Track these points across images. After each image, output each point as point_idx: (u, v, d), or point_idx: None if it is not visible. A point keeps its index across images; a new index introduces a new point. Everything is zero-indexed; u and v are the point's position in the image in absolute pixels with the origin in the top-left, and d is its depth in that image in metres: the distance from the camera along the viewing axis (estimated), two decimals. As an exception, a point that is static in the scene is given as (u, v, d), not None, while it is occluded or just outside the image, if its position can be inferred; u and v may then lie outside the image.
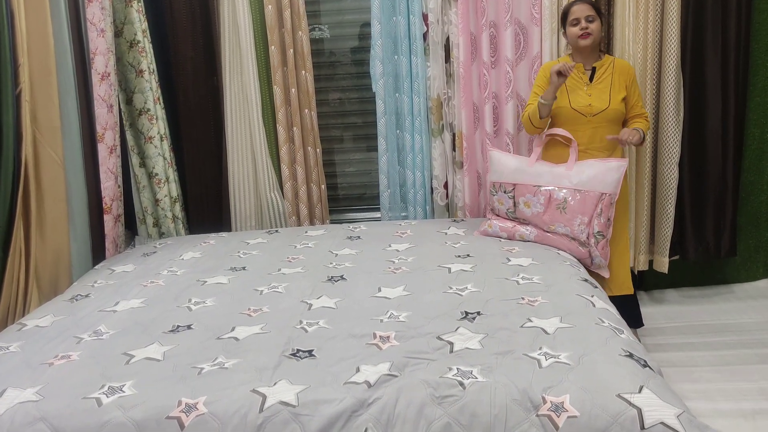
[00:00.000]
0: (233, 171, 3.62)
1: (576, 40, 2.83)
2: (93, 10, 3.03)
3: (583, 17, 2.80)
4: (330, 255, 2.88)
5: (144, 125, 3.46)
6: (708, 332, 3.22)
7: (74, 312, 2.35)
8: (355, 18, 3.84)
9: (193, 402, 1.64)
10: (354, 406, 1.61)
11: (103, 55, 3.11)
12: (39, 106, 2.67)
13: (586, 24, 2.79)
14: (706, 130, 3.39)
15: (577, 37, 2.82)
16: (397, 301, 2.26)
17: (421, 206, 3.63)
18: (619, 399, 1.56)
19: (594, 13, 2.81)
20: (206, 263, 2.86)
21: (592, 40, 2.81)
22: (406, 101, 3.52)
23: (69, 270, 2.84)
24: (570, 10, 2.85)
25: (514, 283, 2.36)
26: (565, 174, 2.81)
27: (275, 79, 3.51)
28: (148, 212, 3.58)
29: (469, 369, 1.73)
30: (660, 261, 3.50)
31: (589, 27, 2.79)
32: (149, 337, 2.07)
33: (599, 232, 2.75)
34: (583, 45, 2.82)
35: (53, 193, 2.75)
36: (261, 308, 2.27)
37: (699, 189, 3.47)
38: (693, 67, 3.33)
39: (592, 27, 2.80)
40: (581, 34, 2.80)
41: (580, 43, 2.82)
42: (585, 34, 2.80)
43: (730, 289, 3.71)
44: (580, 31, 2.80)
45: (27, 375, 1.84)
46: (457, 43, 3.37)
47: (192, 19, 3.53)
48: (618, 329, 1.95)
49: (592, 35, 2.80)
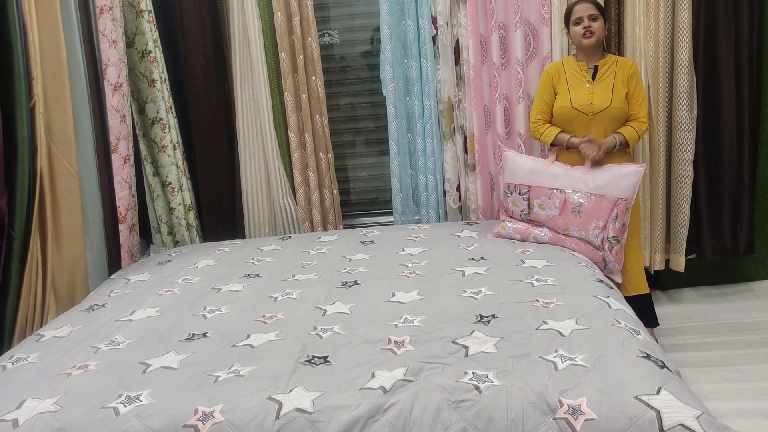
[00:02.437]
0: (246, 178, 3.64)
1: (579, 39, 2.83)
2: (105, 21, 3.06)
3: (585, 16, 2.79)
4: (343, 260, 2.88)
5: (157, 134, 3.48)
6: (727, 331, 3.18)
7: (91, 322, 2.37)
8: (364, 23, 3.85)
9: (210, 410, 1.64)
10: (370, 411, 1.61)
11: (116, 65, 3.13)
12: (53, 118, 2.70)
13: (589, 23, 2.79)
14: (720, 126, 3.35)
15: (580, 36, 2.82)
16: (411, 305, 2.26)
17: (433, 209, 3.62)
18: (637, 401, 1.54)
19: (597, 12, 2.80)
20: (221, 271, 2.88)
21: (595, 39, 2.80)
22: (417, 105, 3.52)
23: (85, 280, 2.87)
24: (573, 9, 2.85)
25: (529, 285, 2.35)
26: (581, 177, 2.80)
27: (286, 85, 3.52)
28: (162, 221, 3.60)
29: (485, 373, 1.72)
30: (676, 260, 3.47)
31: (592, 26, 2.79)
32: (165, 345, 2.08)
33: (614, 236, 2.72)
34: (587, 44, 2.81)
35: (69, 205, 2.77)
36: (276, 315, 2.27)
37: (715, 186, 3.44)
38: (706, 64, 3.30)
39: (595, 26, 2.79)
40: (584, 33, 2.80)
41: (583, 42, 2.82)
42: (588, 33, 2.80)
43: (748, 286, 3.67)
44: (583, 29, 2.80)
45: (45, 385, 1.85)
46: (467, 45, 3.37)
47: (202, 28, 3.55)
48: (635, 330, 1.93)
49: (595, 34, 2.80)
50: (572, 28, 2.85)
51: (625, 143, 2.82)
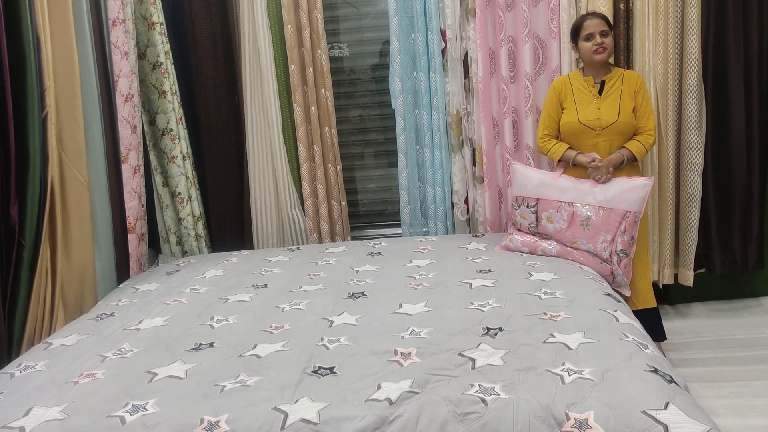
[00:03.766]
0: (255, 189, 3.65)
1: (590, 56, 2.81)
2: (117, 33, 3.09)
3: (597, 32, 2.78)
4: (351, 272, 2.88)
5: (167, 145, 3.50)
6: (736, 346, 3.15)
7: (99, 330, 2.38)
8: (374, 36, 3.87)
9: (215, 420, 1.65)
10: (375, 423, 1.60)
11: (127, 77, 3.17)
12: (64, 128, 2.72)
13: (600, 39, 2.78)
14: (730, 140, 3.34)
15: (591, 52, 2.80)
16: (418, 317, 2.25)
17: (441, 222, 3.62)
18: (645, 415, 1.53)
19: (607, 28, 2.80)
20: (228, 281, 2.88)
21: (606, 55, 2.80)
22: (426, 117, 3.53)
23: (94, 289, 2.88)
24: (583, 25, 2.82)
25: (536, 298, 2.34)
26: (589, 191, 2.79)
27: (295, 97, 3.54)
28: (171, 231, 3.61)
29: (491, 385, 1.71)
30: (685, 274, 3.45)
31: (604, 42, 2.78)
32: (172, 355, 2.09)
33: (622, 250, 2.71)
34: (598, 60, 2.80)
35: (78, 214, 2.79)
36: (283, 325, 2.27)
37: (724, 201, 3.42)
38: (715, 78, 3.29)
39: (607, 41, 2.78)
40: (596, 49, 2.79)
41: (595, 58, 2.80)
42: (600, 49, 2.78)
43: (758, 302, 3.64)
44: (595, 46, 2.78)
45: (52, 393, 1.86)
46: (476, 58, 3.38)
47: (213, 40, 3.58)
48: (642, 344, 1.92)
49: (606, 50, 2.79)
50: (582, 44, 2.84)
51: (632, 158, 2.81)
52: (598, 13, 2.90)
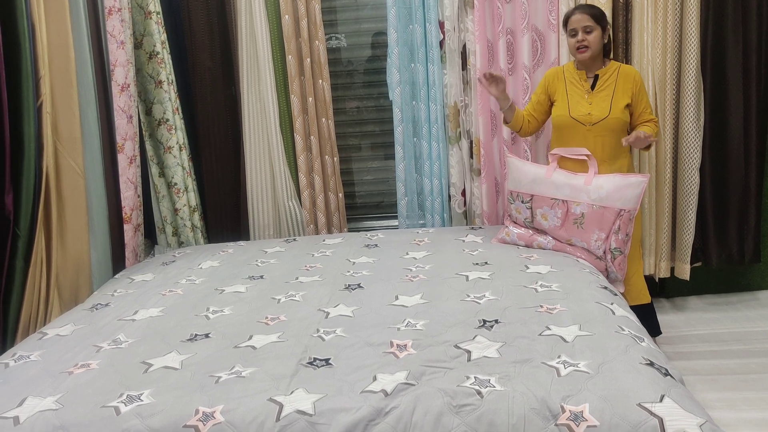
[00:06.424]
0: (251, 180, 3.64)
1: (574, 53, 2.78)
2: (113, 22, 3.07)
3: (580, 28, 2.71)
4: (347, 263, 2.87)
5: (163, 135, 3.49)
6: (732, 340, 3.16)
7: (94, 321, 2.37)
8: (371, 27, 3.85)
9: (211, 410, 1.64)
10: (371, 414, 1.60)
11: (123, 66, 3.15)
12: (60, 117, 2.71)
13: (583, 36, 2.71)
14: (727, 134, 3.34)
15: (575, 50, 2.76)
16: (414, 309, 2.25)
17: (438, 214, 3.62)
18: (640, 408, 1.53)
19: (593, 23, 2.70)
20: (224, 272, 2.88)
21: (590, 53, 2.73)
22: (423, 109, 3.52)
23: (89, 279, 2.87)
24: (569, 20, 2.77)
25: (533, 291, 2.34)
26: (583, 188, 2.74)
27: (292, 88, 3.53)
28: (167, 221, 3.61)
29: (487, 378, 1.71)
30: (681, 268, 3.46)
31: (586, 39, 2.71)
32: (167, 345, 2.08)
33: (617, 248, 2.69)
34: (581, 59, 2.77)
35: (74, 204, 2.78)
36: (278, 317, 2.27)
37: (721, 194, 3.42)
38: (713, 71, 3.29)
39: (590, 38, 2.71)
40: (578, 47, 2.74)
41: (577, 56, 2.77)
42: (582, 48, 2.73)
43: (754, 296, 3.65)
44: (577, 44, 2.73)
45: (47, 383, 1.86)
46: (474, 50, 3.37)
47: (210, 30, 3.56)
48: (638, 337, 1.92)
49: (589, 48, 2.72)
50: (568, 39, 2.79)
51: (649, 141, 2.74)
52: (586, 7, 2.81)
